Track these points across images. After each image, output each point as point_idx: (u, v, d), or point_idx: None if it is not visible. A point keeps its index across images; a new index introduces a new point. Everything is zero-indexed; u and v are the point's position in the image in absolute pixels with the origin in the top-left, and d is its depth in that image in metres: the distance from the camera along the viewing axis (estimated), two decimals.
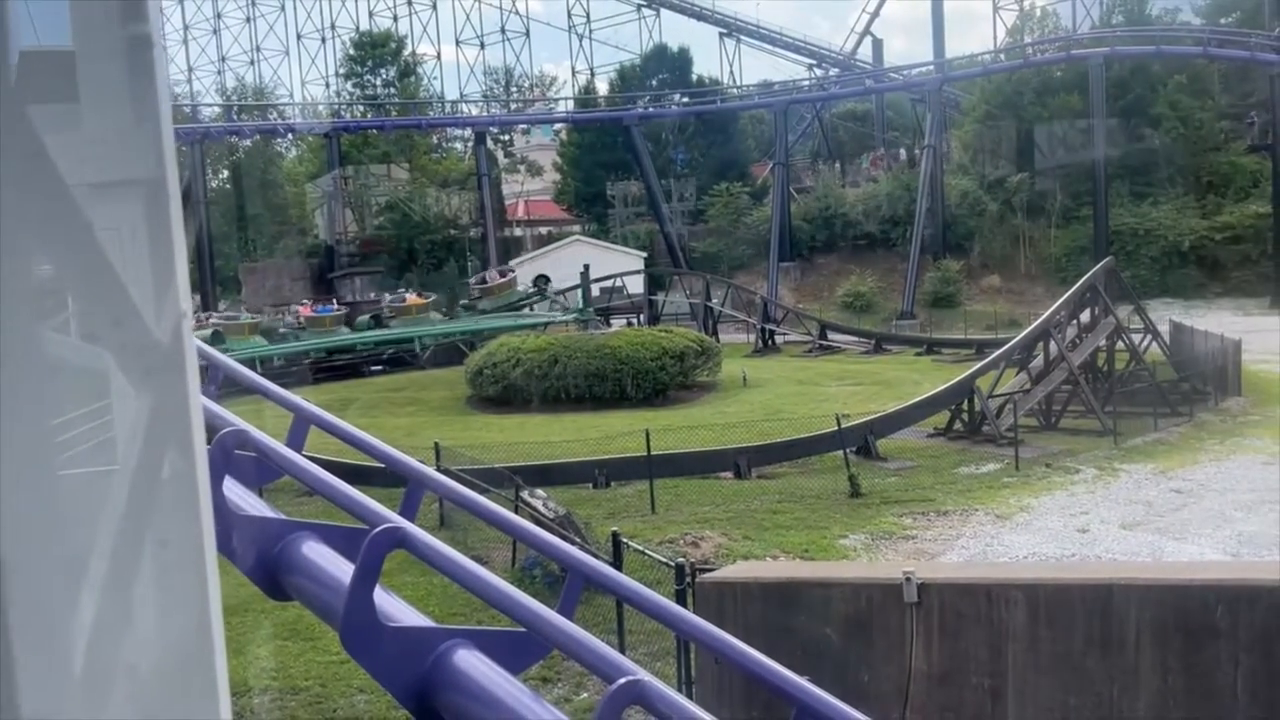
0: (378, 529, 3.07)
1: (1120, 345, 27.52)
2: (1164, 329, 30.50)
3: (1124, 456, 21.50)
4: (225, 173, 66.85)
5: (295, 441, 4.18)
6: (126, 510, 1.15)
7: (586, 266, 35.45)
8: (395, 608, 3.20)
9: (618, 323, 41.71)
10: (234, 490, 3.56)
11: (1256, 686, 5.93)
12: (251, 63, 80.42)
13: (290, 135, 68.04)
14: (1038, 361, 26.27)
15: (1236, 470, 19.79)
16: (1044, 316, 26.37)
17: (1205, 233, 49.52)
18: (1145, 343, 28.69)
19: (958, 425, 24.76)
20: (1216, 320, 35.63)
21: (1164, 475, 19.79)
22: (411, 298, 45.85)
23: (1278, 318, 41.64)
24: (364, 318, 43.17)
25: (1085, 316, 27.20)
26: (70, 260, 1.10)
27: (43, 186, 1.03)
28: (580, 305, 38.88)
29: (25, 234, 1.01)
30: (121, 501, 1.15)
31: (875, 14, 70.06)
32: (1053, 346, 26.00)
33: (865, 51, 70.43)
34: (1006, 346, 26.55)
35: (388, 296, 48.42)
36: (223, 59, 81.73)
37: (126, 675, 1.16)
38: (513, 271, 51.26)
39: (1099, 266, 28.24)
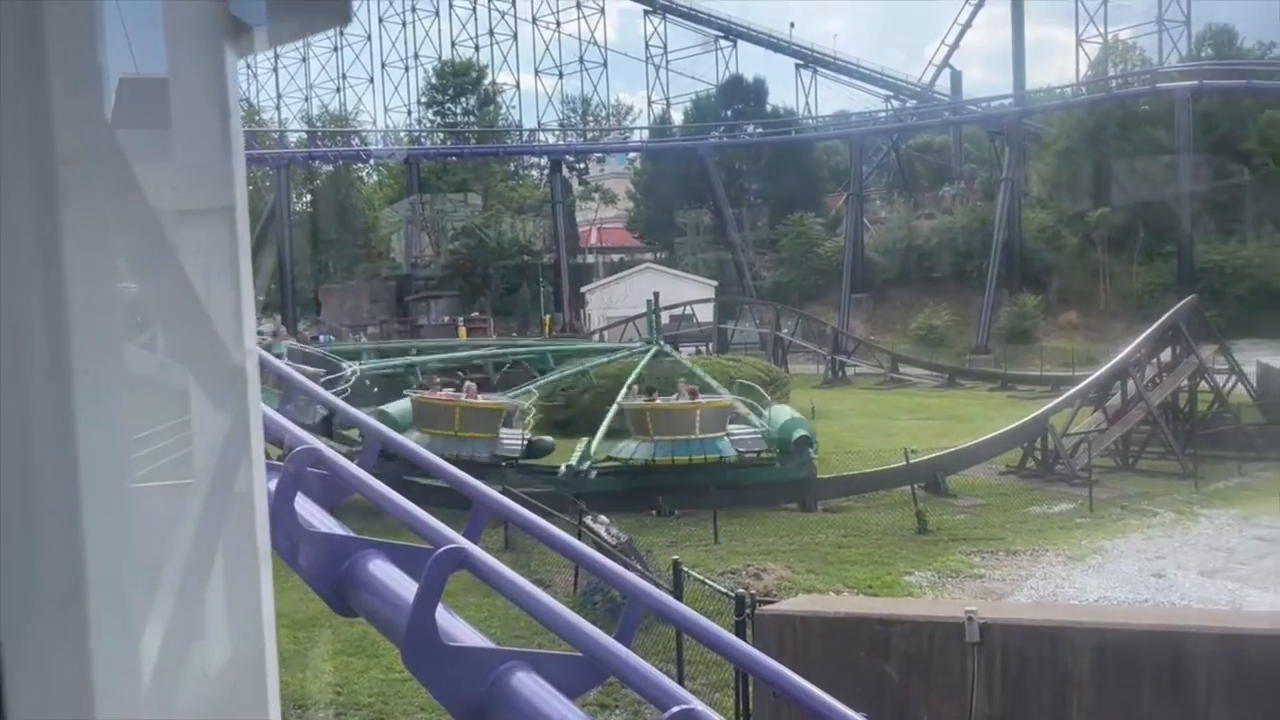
0: (441, 549, 3.16)
1: (1203, 386, 26.72)
2: (1250, 370, 29.53)
3: (1205, 500, 20.84)
4: (308, 197, 68.76)
5: (366, 461, 4.32)
6: (194, 523, 1.23)
7: (656, 294, 35.47)
8: (457, 627, 3.28)
9: (686, 350, 41.71)
10: (305, 507, 3.69)
11: None
12: (337, 90, 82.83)
13: (371, 161, 69.73)
14: (1115, 400, 25.63)
15: None
16: (1123, 354, 25.75)
17: None
18: (1230, 384, 27.81)
19: (1030, 463, 24.25)
20: None
21: (1247, 521, 19.12)
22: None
23: None
24: None
25: (1166, 355, 26.49)
26: (151, 282, 1.18)
27: (131, 210, 1.10)
28: (648, 334, 38.97)
29: (109, 253, 1.08)
30: (191, 515, 1.23)
31: (954, 46, 69.49)
32: (1131, 385, 25.36)
33: (943, 83, 69.85)
34: (1083, 384, 25.97)
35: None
36: (310, 86, 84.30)
37: (189, 680, 1.22)
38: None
39: (1182, 304, 27.52)
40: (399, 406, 22.01)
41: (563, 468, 20.99)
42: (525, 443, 21.59)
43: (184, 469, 1.22)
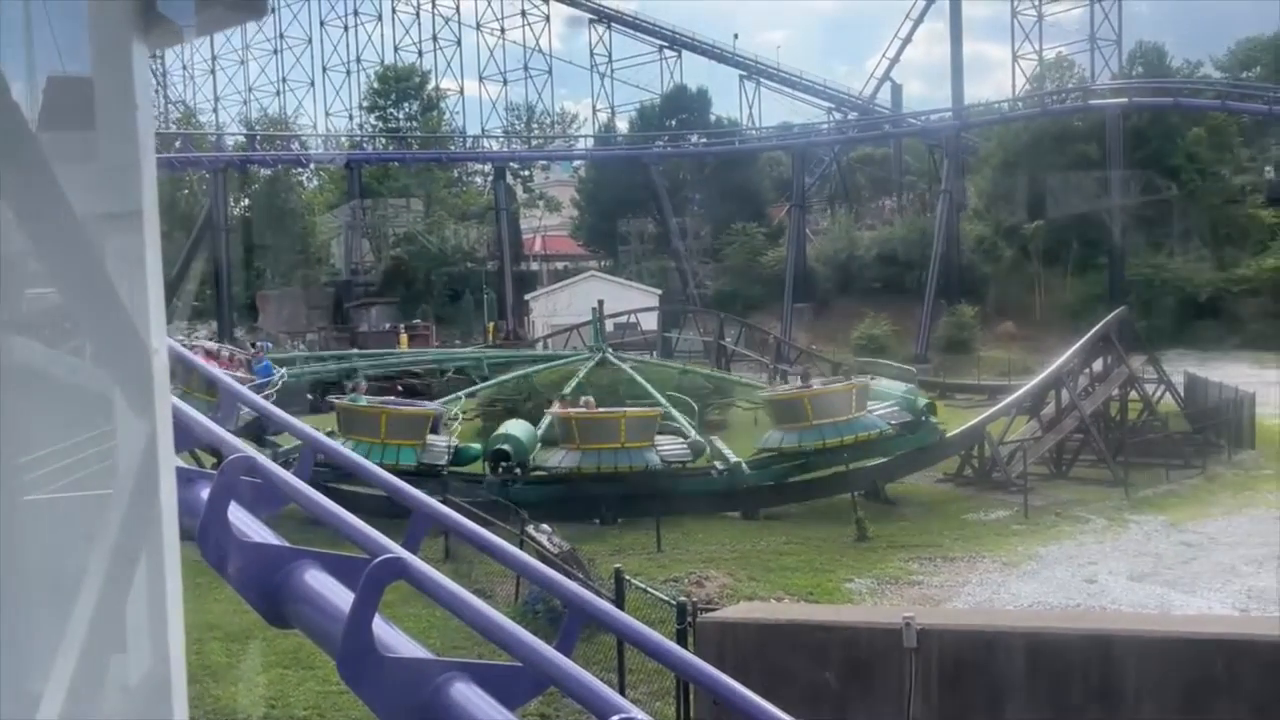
0: (378, 559, 3.12)
1: (1133, 395, 27.41)
2: (1178, 380, 30.36)
3: (1134, 507, 21.36)
4: (246, 201, 67.64)
5: (302, 470, 4.26)
6: (96, 533, 1.18)
7: (600, 302, 35.56)
8: (394, 638, 3.24)
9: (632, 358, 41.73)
10: (239, 516, 3.62)
11: None
12: (277, 93, 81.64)
13: (311, 165, 68.82)
14: (1049, 409, 26.18)
15: (1248, 524, 19.64)
16: (1056, 364, 26.32)
17: (1222, 284, 49.43)
18: (1159, 393, 28.57)
19: (968, 471, 24.67)
20: (1232, 372, 35.42)
21: (1174, 527, 19.65)
22: None
23: None
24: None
25: (1098, 365, 27.13)
26: (54, 285, 1.13)
27: (35, 212, 1.06)
28: (593, 341, 39.01)
29: (9, 258, 1.04)
30: (94, 524, 1.18)
31: (895, 60, 70.63)
32: (1064, 394, 25.93)
33: (884, 96, 70.95)
34: (1019, 393, 26.48)
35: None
36: (249, 89, 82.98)
37: (90, 694, 1.18)
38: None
39: (1112, 315, 28.18)
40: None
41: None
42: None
43: (86, 476, 1.18)
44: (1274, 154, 53.91)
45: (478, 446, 22.66)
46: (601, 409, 22.42)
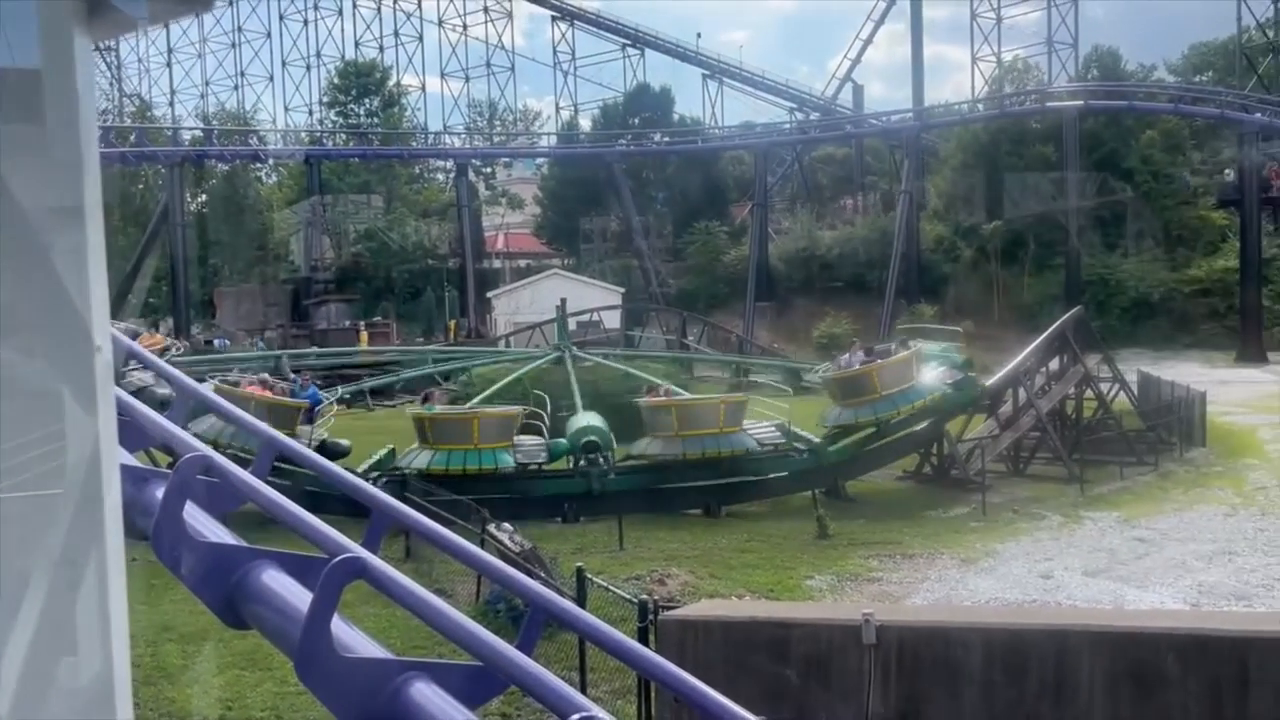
0: (337, 559, 3.10)
1: (1089, 394, 27.83)
2: (1132, 379, 30.87)
3: (1089, 504, 21.69)
4: (203, 196, 66.69)
5: (260, 468, 4.21)
6: (37, 533, 1.16)
7: (563, 300, 35.47)
8: (353, 638, 3.22)
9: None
10: (195, 516, 3.58)
11: None
12: (236, 88, 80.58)
13: (270, 161, 68.01)
14: (1007, 407, 26.51)
15: (1199, 520, 20.00)
16: (1014, 363, 26.65)
17: (1174, 285, 50.37)
18: (1113, 392, 29.02)
19: (927, 469, 24.93)
20: (1184, 371, 36.10)
21: (1128, 524, 19.97)
22: None
23: (1243, 370, 42.28)
24: None
25: (1055, 364, 27.51)
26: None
27: None
28: (558, 339, 38.98)
29: None
30: (34, 525, 1.16)
31: (856, 61, 71.21)
32: (1022, 393, 26.27)
33: (846, 96, 71.47)
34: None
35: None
36: (206, 83, 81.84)
37: (29, 696, 1.16)
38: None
39: (1068, 315, 28.59)
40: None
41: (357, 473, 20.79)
42: (318, 443, 21.15)
43: (30, 477, 1.15)
44: (1225, 157, 54.92)
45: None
46: (699, 395, 22.72)
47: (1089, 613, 11.57)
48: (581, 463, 21.60)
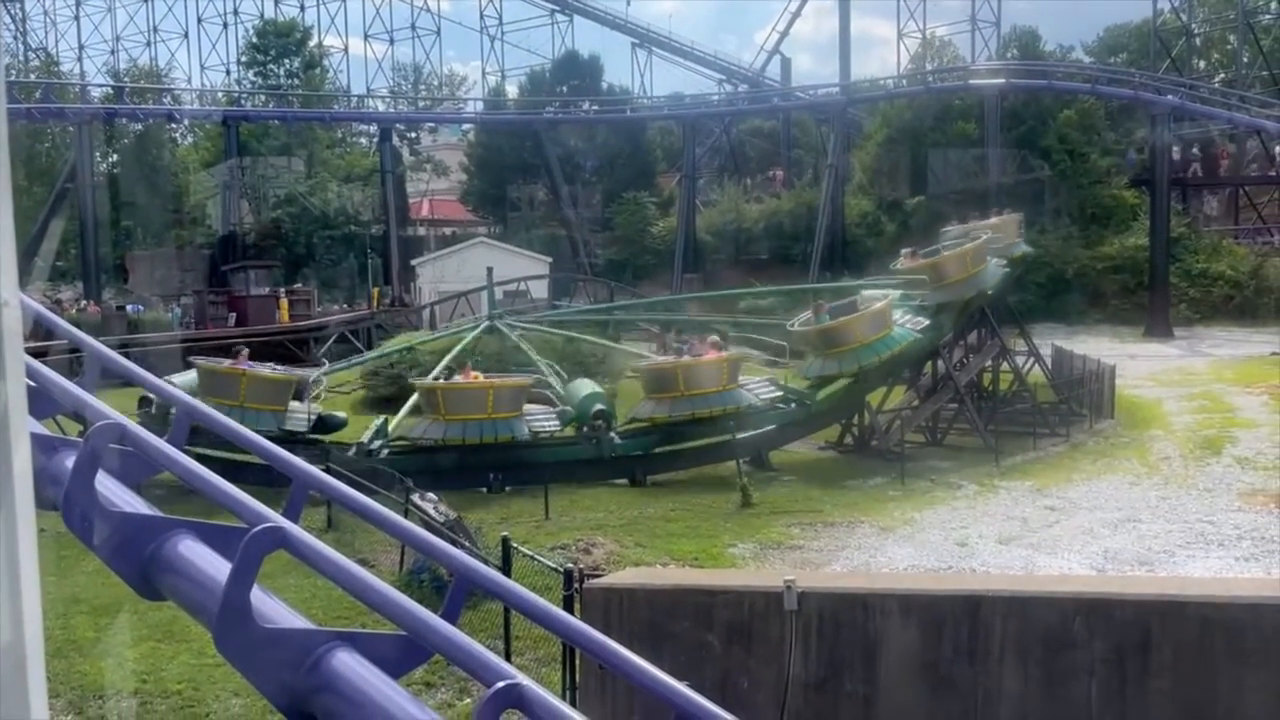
0: (256, 528, 3.05)
1: (1005, 367, 28.57)
2: (1047, 353, 31.75)
3: (1003, 474, 22.33)
4: (115, 157, 64.30)
5: (176, 436, 4.10)
6: None
7: (490, 269, 35.08)
8: (274, 609, 3.17)
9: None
10: (107, 486, 3.48)
11: (1109, 696, 6.28)
12: (148, 44, 77.67)
13: (185, 121, 65.81)
14: (926, 380, 27.11)
15: (1106, 489, 20.73)
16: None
17: (1088, 262, 51.77)
18: (1029, 365, 29.84)
19: (848, 439, 25.40)
20: (1095, 346, 37.24)
21: (1039, 493, 20.61)
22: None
23: (1150, 345, 43.80)
24: None
25: (973, 338, 28.17)
26: None
27: None
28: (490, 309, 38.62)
29: None
30: None
31: (785, 34, 71.41)
32: (941, 365, 26.86)
33: (774, 69, 71.66)
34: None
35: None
36: (117, 39, 78.71)
37: None
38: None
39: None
40: (185, 378, 20.90)
41: (354, 446, 20.74)
42: (315, 417, 21.02)
43: None
44: (1138, 138, 56.49)
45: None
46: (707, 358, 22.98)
47: (1003, 579, 11.94)
48: (585, 429, 21.86)
